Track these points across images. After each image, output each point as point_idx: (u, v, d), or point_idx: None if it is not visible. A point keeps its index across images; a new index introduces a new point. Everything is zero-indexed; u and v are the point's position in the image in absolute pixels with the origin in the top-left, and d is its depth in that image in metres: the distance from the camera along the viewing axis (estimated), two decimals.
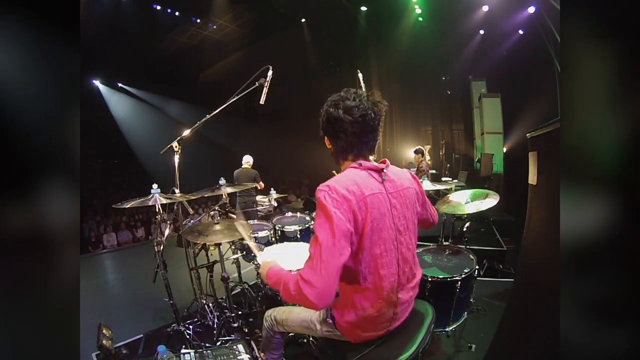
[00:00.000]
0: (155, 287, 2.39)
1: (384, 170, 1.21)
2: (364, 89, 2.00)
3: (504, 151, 8.10)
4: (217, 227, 2.20)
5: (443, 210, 2.45)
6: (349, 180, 1.11)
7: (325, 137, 1.27)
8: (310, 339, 2.02)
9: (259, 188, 4.87)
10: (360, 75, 2.55)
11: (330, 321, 1.27)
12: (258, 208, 4.16)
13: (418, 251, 2.25)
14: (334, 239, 1.01)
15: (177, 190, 2.27)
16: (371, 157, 1.25)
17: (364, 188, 1.10)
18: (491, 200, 2.31)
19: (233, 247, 2.54)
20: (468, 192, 2.47)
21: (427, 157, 6.56)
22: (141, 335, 2.61)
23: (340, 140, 1.20)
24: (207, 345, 2.20)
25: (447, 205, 2.43)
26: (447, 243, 2.52)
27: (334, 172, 2.26)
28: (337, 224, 1.02)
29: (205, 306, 2.58)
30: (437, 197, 4.74)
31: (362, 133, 1.17)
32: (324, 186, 1.09)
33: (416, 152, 6.02)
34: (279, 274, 1.21)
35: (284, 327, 1.48)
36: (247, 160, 5.21)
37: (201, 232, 2.18)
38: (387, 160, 1.26)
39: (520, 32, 7.90)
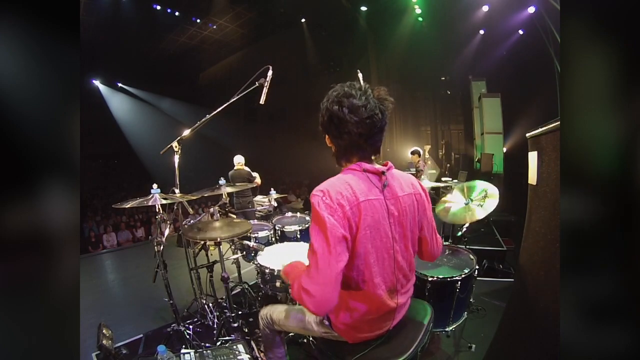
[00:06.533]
0: (155, 287, 2.39)
1: (385, 174, 1.13)
2: None
3: (504, 151, 8.10)
4: (217, 224, 2.20)
5: (445, 219, 2.46)
6: (344, 184, 1.06)
7: (327, 136, 1.17)
8: (310, 339, 2.02)
9: (256, 185, 4.76)
10: (360, 75, 2.54)
11: (327, 322, 1.27)
12: (258, 208, 4.14)
13: None
14: (329, 247, 0.98)
15: (177, 190, 2.27)
16: (373, 158, 1.18)
17: (359, 193, 1.05)
18: (492, 202, 2.32)
19: (233, 247, 2.54)
20: (463, 186, 2.49)
21: (427, 157, 6.57)
22: (141, 335, 2.61)
23: (343, 141, 1.11)
24: (207, 345, 2.19)
25: (449, 212, 2.45)
26: (447, 243, 2.52)
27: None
28: (331, 230, 0.98)
29: (205, 306, 2.58)
30: (437, 197, 4.75)
31: (369, 134, 1.09)
32: (317, 191, 1.05)
33: (412, 152, 6.07)
34: (291, 272, 1.28)
35: (280, 327, 1.47)
36: (239, 161, 4.99)
37: (201, 229, 2.18)
38: (389, 162, 1.19)
39: (520, 32, 7.91)
